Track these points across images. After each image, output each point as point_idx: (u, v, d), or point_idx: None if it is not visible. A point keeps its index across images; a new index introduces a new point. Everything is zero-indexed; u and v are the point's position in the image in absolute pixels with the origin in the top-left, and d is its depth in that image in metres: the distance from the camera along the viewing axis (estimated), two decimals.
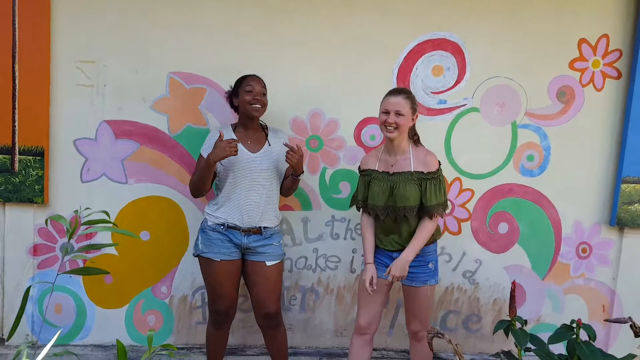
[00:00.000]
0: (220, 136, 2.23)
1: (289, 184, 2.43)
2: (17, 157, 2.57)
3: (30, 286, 1.95)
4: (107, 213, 2.07)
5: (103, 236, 2.68)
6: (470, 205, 2.86)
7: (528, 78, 2.80)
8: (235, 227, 2.33)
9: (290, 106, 2.72)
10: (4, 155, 2.57)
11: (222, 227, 2.33)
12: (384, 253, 2.33)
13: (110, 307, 2.77)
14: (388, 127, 2.18)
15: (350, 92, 2.73)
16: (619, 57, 2.82)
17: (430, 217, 2.21)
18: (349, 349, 2.41)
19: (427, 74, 2.76)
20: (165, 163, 2.70)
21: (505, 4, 2.74)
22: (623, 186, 2.82)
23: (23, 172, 2.59)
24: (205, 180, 2.31)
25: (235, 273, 2.38)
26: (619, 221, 2.85)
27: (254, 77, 2.35)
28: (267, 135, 2.42)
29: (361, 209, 2.39)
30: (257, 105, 2.30)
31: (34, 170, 2.59)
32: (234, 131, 2.39)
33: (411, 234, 2.24)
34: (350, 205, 2.50)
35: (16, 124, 2.55)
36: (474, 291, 2.92)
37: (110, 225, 1.91)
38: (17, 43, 2.51)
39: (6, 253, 2.68)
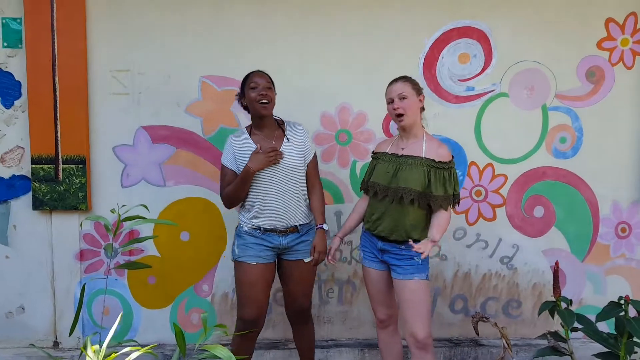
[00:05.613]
0: (257, 149, 2.20)
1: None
2: (60, 166, 2.68)
3: (84, 285, 1.95)
4: (145, 206, 2.14)
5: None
6: (504, 191, 2.86)
7: (556, 60, 2.79)
8: (272, 230, 2.28)
9: (319, 101, 2.76)
10: (49, 165, 2.67)
11: (258, 231, 2.29)
12: (372, 241, 2.27)
13: (155, 307, 2.84)
14: (398, 116, 2.16)
15: (378, 84, 2.67)
16: None
17: (443, 208, 2.11)
18: (378, 345, 2.41)
19: (453, 62, 2.77)
20: (200, 165, 2.77)
21: None
22: None
23: (67, 180, 2.69)
24: (243, 191, 2.25)
25: (269, 278, 2.33)
26: None
27: (257, 73, 2.25)
28: (284, 130, 2.32)
29: (362, 191, 2.37)
30: (264, 101, 2.19)
31: (77, 178, 2.69)
32: (250, 135, 2.29)
33: (402, 225, 2.14)
34: (360, 189, 2.39)
35: (58, 134, 2.65)
36: (512, 277, 2.91)
37: (148, 218, 1.92)
38: (56, 56, 2.61)
39: (55, 259, 2.78)
